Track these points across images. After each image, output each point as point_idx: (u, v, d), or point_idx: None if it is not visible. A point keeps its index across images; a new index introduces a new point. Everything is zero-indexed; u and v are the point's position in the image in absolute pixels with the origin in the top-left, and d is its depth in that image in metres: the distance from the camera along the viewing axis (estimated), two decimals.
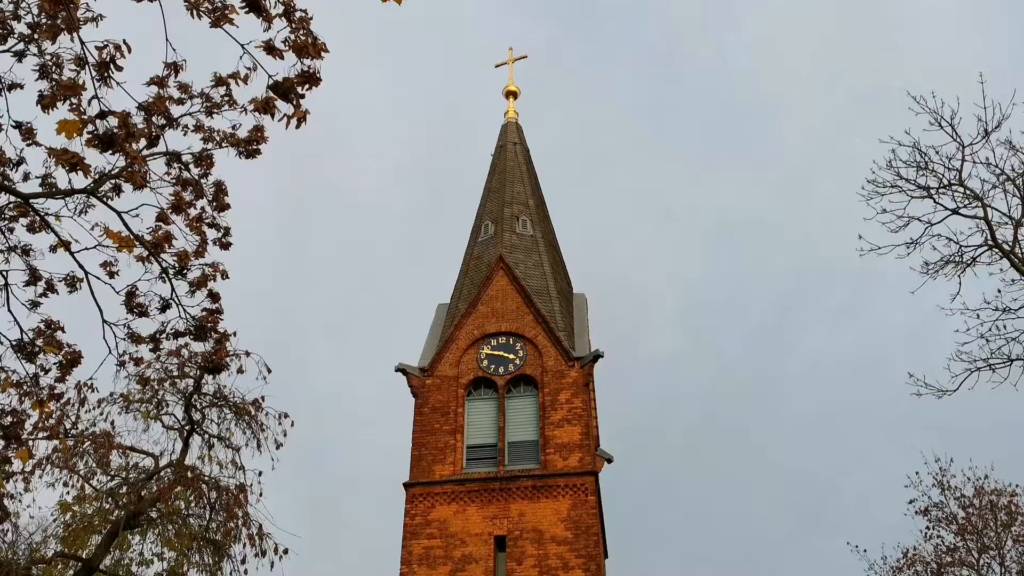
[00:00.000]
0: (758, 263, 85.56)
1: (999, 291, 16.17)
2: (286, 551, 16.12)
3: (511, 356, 24.30)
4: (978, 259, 16.49)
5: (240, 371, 15.77)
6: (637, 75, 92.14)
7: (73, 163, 7.12)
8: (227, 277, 9.26)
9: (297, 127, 7.41)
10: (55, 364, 9.23)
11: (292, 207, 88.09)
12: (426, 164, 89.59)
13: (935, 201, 16.40)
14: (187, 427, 17.52)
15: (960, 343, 16.24)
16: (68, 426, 16.04)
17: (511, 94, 32.40)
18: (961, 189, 16.29)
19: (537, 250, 27.07)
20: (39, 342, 9.07)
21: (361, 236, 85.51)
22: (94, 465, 16.75)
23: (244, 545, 16.22)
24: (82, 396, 14.99)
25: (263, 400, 17.34)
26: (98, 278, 8.85)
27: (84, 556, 16.65)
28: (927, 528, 27.88)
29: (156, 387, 16.98)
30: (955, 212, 16.34)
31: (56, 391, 9.52)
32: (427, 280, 71.13)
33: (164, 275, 8.94)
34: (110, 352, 9.12)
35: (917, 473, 28.53)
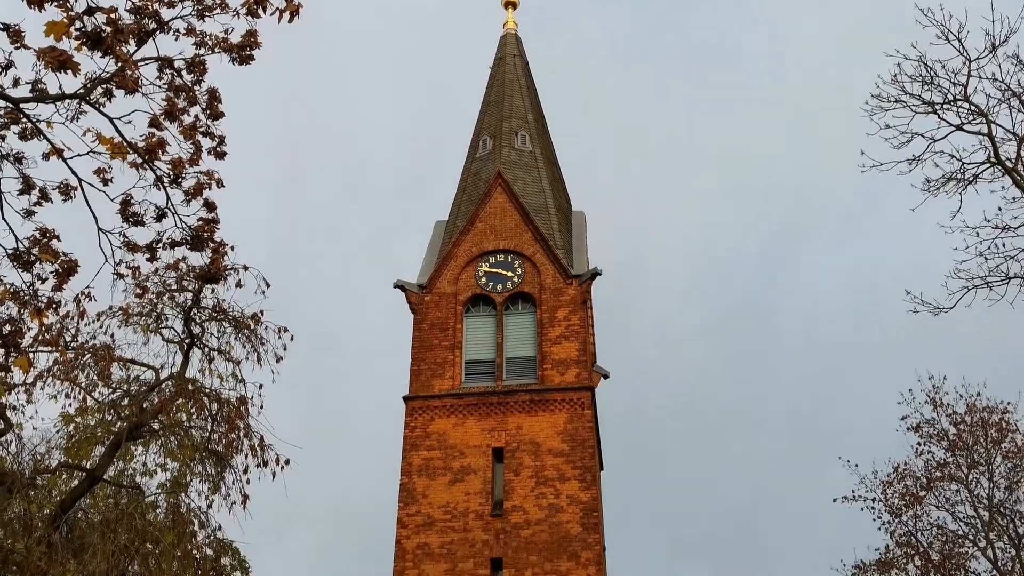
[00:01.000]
0: (761, 190, 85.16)
1: (1000, 209, 16.11)
2: (287, 462, 16.36)
3: (509, 273, 24.33)
4: (980, 176, 16.39)
5: (239, 285, 15.81)
6: None
7: (62, 61, 6.96)
8: (222, 186, 9.17)
9: (290, 21, 7.24)
10: (52, 273, 9.19)
11: (287, 124, 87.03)
12: (424, 77, 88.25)
13: (939, 117, 16.22)
14: (187, 340, 17.61)
15: (959, 261, 16.27)
16: (68, 339, 16.12)
17: (510, 4, 31.68)
18: (966, 105, 16.09)
19: (536, 166, 26.87)
20: (35, 251, 9.02)
21: (359, 153, 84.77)
22: (95, 378, 16.87)
23: (246, 456, 16.45)
24: (81, 309, 14.98)
25: (262, 314, 17.41)
26: (92, 185, 8.76)
27: (88, 466, 16.93)
28: (918, 444, 28.33)
29: (155, 300, 17.02)
30: (959, 128, 16.17)
31: (54, 300, 9.51)
32: (427, 196, 70.79)
33: (159, 183, 8.85)
34: (106, 260, 9.09)
35: (910, 390, 28.87)
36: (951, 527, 27.82)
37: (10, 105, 8.27)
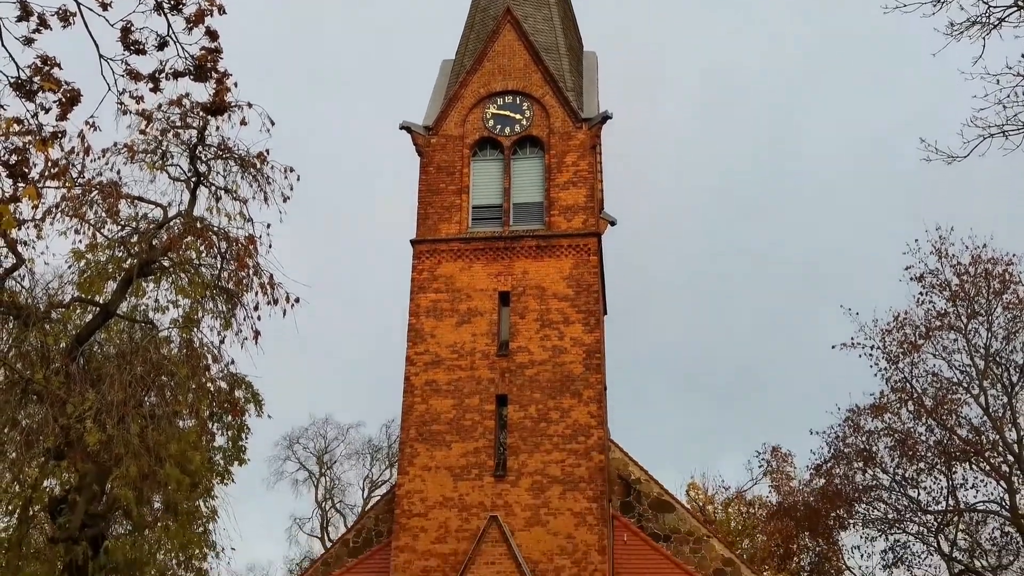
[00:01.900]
0: (779, 34, 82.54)
1: (1022, 56, 15.68)
2: (297, 300, 16.62)
3: (517, 116, 23.91)
4: (1005, 20, 15.86)
5: (243, 123, 15.61)
6: None
7: None
8: (224, 12, 8.90)
9: None
10: (55, 103, 9.07)
11: None
12: None
13: None
14: (193, 179, 17.58)
15: (977, 109, 15.97)
16: (74, 175, 16.08)
17: None
18: None
19: (547, 3, 25.92)
20: (37, 79, 8.85)
21: None
22: (103, 214, 16.94)
23: (256, 294, 16.72)
24: (86, 144, 14.91)
25: (268, 153, 17.30)
26: (90, 10, 8.50)
27: (101, 301, 17.23)
28: (920, 294, 28.69)
29: (159, 137, 16.88)
30: None
31: (59, 131, 9.42)
32: (434, 34, 68.79)
33: (159, 8, 8.60)
34: (109, 89, 8.93)
35: (916, 241, 29.00)
36: (946, 375, 28.55)
37: None
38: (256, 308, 16.56)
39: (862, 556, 30.02)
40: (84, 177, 16.31)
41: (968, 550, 28.85)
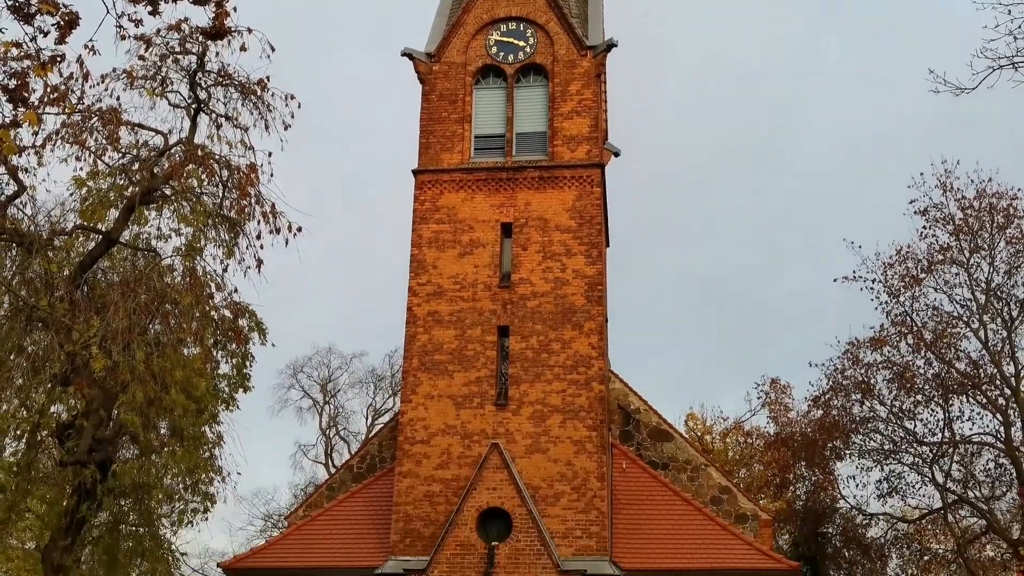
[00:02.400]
0: None
1: None
2: (300, 229, 16.61)
3: (521, 43, 23.56)
4: None
5: (243, 48, 15.42)
6: None
7: None
8: None
9: None
10: (53, 26, 8.94)
11: None
12: None
13: None
14: (193, 105, 17.43)
15: (987, 40, 15.75)
16: (74, 101, 15.92)
17: None
18: None
19: None
20: (34, 1, 8.72)
21: None
22: (104, 141, 16.83)
23: (258, 222, 16.71)
24: (85, 70, 14.69)
25: (268, 80, 17.11)
26: None
27: (103, 229, 17.23)
28: (923, 228, 28.61)
29: (159, 63, 16.68)
30: None
31: (57, 55, 9.31)
32: None
33: None
34: (108, 12, 8.80)
35: (921, 174, 28.81)
36: (947, 309, 28.63)
37: None
38: (258, 237, 16.58)
39: (857, 486, 30.53)
40: (84, 103, 16.15)
41: (962, 481, 29.28)
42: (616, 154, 24.28)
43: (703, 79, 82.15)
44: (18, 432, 17.61)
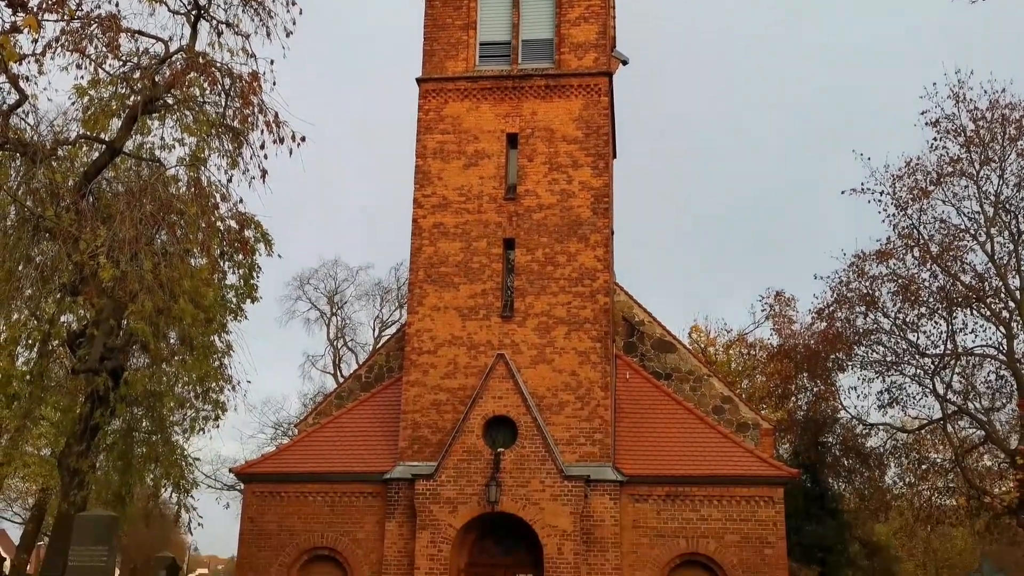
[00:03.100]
0: None
1: None
2: (303, 139, 16.46)
3: None
4: None
5: None
6: None
7: None
8: None
9: None
10: None
11: None
12: None
13: None
14: (193, 12, 17.11)
15: None
16: (72, 7, 15.63)
17: None
18: None
19: None
20: None
21: None
22: (104, 49, 16.56)
23: (261, 132, 16.54)
24: None
25: None
26: None
27: (107, 139, 17.12)
28: (934, 139, 28.29)
29: None
30: None
31: None
32: None
33: None
34: None
35: (934, 84, 28.35)
36: (954, 221, 28.53)
37: None
38: (262, 147, 16.44)
39: (858, 397, 30.90)
40: (82, 9, 15.87)
41: (962, 392, 29.59)
42: (624, 62, 23.86)
43: None
44: (29, 341, 17.80)
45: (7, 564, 18.97)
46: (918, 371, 29.80)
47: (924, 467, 31.11)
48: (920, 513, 31.18)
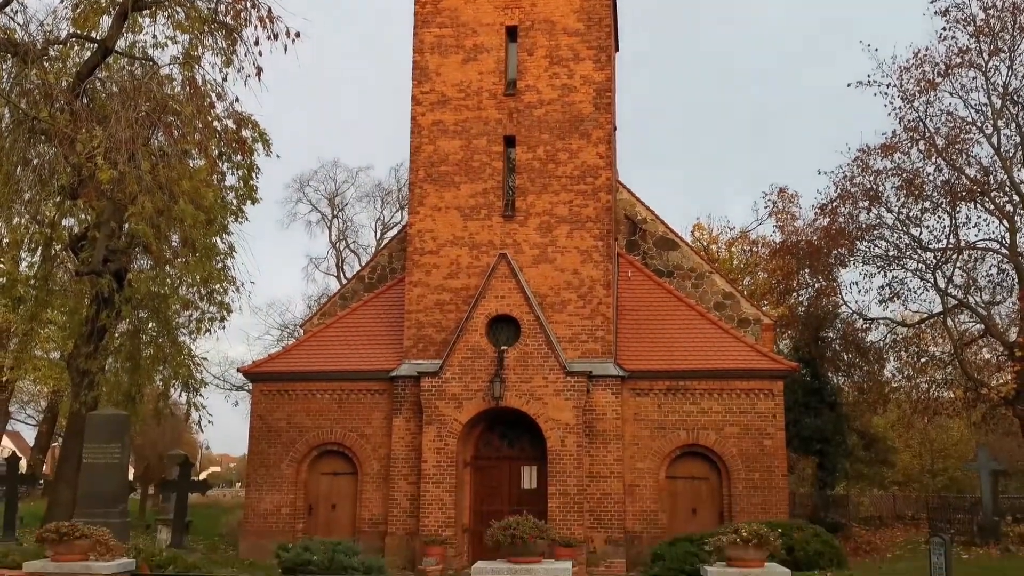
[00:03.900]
0: None
1: None
2: (298, 34, 16.07)
3: None
4: None
5: None
6: None
7: None
8: None
9: None
10: None
11: None
12: None
13: None
14: None
15: None
16: None
17: None
18: None
19: None
20: None
21: None
22: None
23: (255, 28, 16.12)
24: None
25: None
26: None
27: (98, 38, 16.75)
28: (943, 29, 27.63)
29: None
30: None
31: None
32: None
33: None
34: None
35: None
36: (961, 114, 28.10)
37: None
38: (256, 43, 16.03)
39: (859, 292, 31.00)
40: None
41: (963, 286, 29.66)
42: None
43: None
44: (32, 245, 17.82)
45: (23, 463, 19.46)
46: (920, 265, 29.82)
47: (923, 360, 31.43)
48: (918, 405, 31.66)
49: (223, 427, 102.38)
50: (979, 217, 28.55)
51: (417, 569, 18.67)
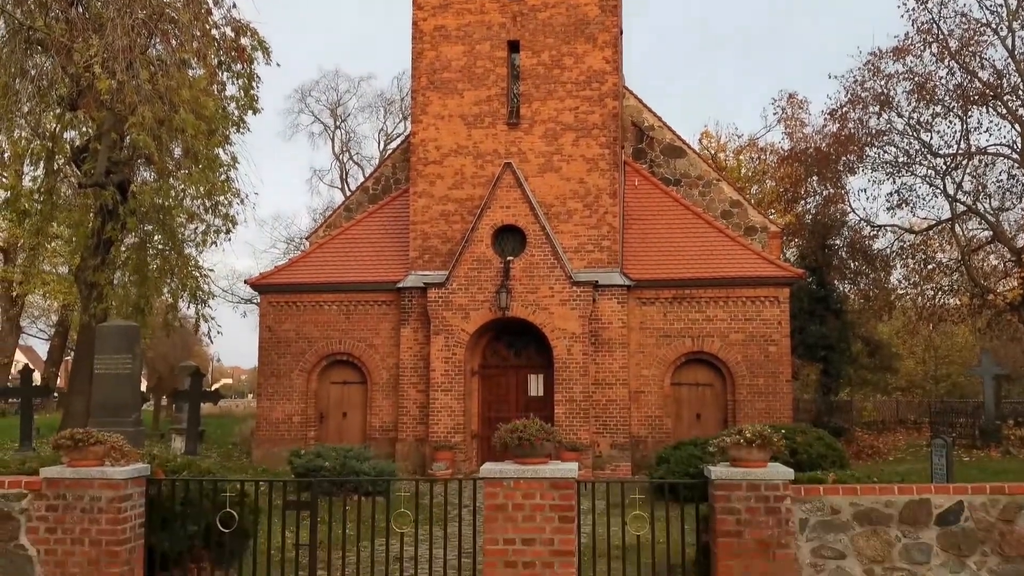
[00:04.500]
0: None
1: None
2: None
3: None
4: None
5: None
6: None
7: None
8: None
9: None
10: None
11: None
12: None
13: None
14: None
15: None
16: None
17: None
18: None
19: None
20: None
21: None
22: None
23: None
24: None
25: None
26: None
27: None
28: None
29: None
30: None
31: None
32: None
33: None
34: None
35: None
36: (975, 15, 27.43)
37: None
38: None
39: (868, 199, 30.84)
40: None
41: (972, 193, 29.42)
42: None
43: None
44: (34, 158, 17.71)
45: (36, 375, 19.70)
46: (929, 171, 29.54)
47: (930, 267, 31.41)
48: (923, 312, 31.77)
49: (234, 340, 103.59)
50: (991, 122, 28.25)
51: (427, 473, 19.07)
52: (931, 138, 28.88)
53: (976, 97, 27.49)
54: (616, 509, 8.20)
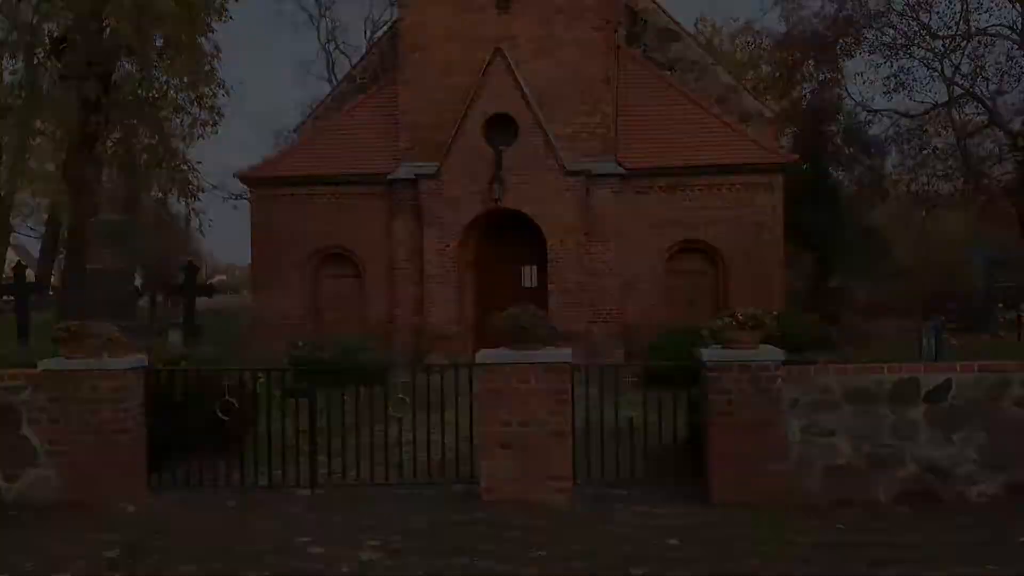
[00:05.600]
0: None
1: None
2: None
3: None
4: None
5: None
6: None
7: None
8: None
9: None
10: None
11: None
12: None
13: None
14: None
15: None
16: None
17: None
18: None
19: None
20: None
21: None
22: None
23: None
24: None
25: None
26: None
27: None
28: None
29: None
30: None
31: None
32: None
33: None
34: None
35: None
36: None
37: None
38: None
39: (864, 83, 30.37)
40: None
41: (971, 75, 28.97)
42: None
43: None
44: (13, 52, 17.28)
45: (30, 272, 19.67)
46: (928, 54, 29.03)
47: (925, 152, 31.20)
48: (918, 197, 31.72)
49: (228, 236, 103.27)
50: (991, 1, 27.52)
51: (424, 363, 19.29)
52: (930, 19, 28.31)
53: None
54: (610, 394, 8.33)
